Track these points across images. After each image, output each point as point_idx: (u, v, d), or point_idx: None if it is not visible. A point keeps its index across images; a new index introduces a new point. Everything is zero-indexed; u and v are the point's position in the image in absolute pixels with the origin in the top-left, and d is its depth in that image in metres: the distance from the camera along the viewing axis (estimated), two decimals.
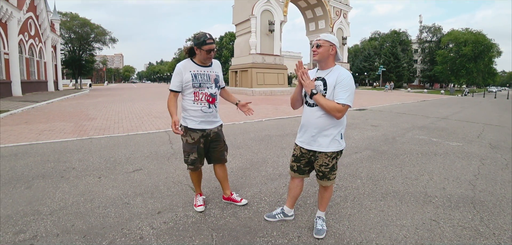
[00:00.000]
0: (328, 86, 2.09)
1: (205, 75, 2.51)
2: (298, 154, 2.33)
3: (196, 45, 2.43)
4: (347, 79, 2.07)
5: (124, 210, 2.72)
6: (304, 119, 2.25)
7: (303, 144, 2.26)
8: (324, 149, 2.16)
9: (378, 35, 70.74)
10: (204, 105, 2.51)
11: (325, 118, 2.11)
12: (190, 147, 2.58)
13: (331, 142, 2.15)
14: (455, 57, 44.72)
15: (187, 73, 2.46)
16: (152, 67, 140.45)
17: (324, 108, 2.05)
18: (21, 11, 19.21)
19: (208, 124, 2.57)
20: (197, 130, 2.53)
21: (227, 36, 59.60)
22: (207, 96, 2.51)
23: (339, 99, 2.03)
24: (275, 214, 2.57)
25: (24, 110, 11.03)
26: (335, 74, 2.10)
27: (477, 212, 2.82)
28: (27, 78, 21.28)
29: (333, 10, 29.99)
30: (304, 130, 2.25)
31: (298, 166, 2.36)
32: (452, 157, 4.86)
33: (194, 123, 2.52)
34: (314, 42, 2.15)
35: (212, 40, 2.42)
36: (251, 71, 22.55)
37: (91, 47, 43.28)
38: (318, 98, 2.06)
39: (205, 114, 2.52)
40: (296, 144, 2.35)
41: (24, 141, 5.72)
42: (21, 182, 3.42)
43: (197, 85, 2.46)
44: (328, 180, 2.27)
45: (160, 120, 8.64)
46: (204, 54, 2.43)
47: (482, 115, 11.83)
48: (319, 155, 2.20)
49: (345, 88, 2.05)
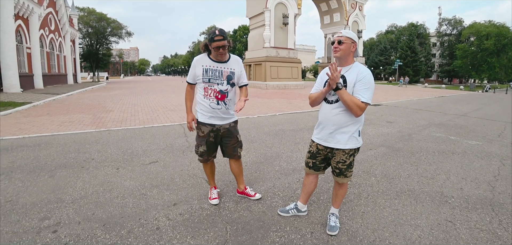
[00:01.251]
0: (348, 83, 2.07)
1: (217, 71, 2.50)
2: (314, 150, 2.32)
3: (208, 40, 2.45)
4: (368, 76, 2.06)
5: (141, 200, 2.82)
6: (322, 116, 2.24)
7: (320, 141, 2.25)
8: (342, 146, 2.16)
9: (394, 28, 68.68)
10: (212, 101, 2.51)
11: (344, 115, 2.10)
12: (200, 139, 2.64)
13: (349, 139, 2.15)
14: (476, 51, 42.90)
15: (199, 68, 2.51)
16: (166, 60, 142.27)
17: (347, 104, 2.02)
18: (42, 7, 19.85)
19: (218, 120, 2.57)
20: (206, 124, 2.57)
21: (241, 30, 59.55)
22: (216, 92, 2.50)
23: (361, 97, 2.02)
24: (289, 209, 2.59)
25: (45, 102, 11.48)
26: (355, 71, 2.09)
27: (495, 214, 2.74)
28: (48, 72, 22.07)
29: (349, 3, 29.35)
30: (321, 127, 2.24)
31: (313, 162, 2.36)
32: (470, 156, 4.71)
33: (204, 117, 2.56)
34: (336, 38, 2.12)
35: (222, 36, 2.37)
36: (265, 65, 22.48)
37: (108, 41, 44.33)
38: (342, 93, 2.02)
39: (213, 110, 2.52)
40: (313, 140, 2.34)
41: (46, 131, 5.97)
42: (45, 171, 3.59)
43: (206, 80, 2.49)
44: (344, 176, 2.27)
45: (175, 113, 8.79)
46: (214, 51, 2.44)
47: (504, 113, 11.35)
48: (337, 151, 2.19)
49: (367, 86, 2.04)
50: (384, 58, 59.96)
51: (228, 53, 2.58)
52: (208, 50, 2.53)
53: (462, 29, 52.75)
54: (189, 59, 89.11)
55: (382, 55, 60.52)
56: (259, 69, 23.49)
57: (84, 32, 40.77)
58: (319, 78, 2.31)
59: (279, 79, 23.11)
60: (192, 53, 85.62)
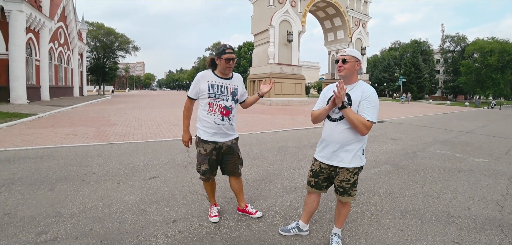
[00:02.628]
0: (353, 101, 2.07)
1: (223, 87, 2.52)
2: (317, 169, 2.29)
3: (216, 55, 2.49)
4: (373, 95, 2.07)
5: (140, 217, 2.77)
6: (325, 134, 2.22)
7: (323, 159, 2.22)
8: (346, 164, 2.13)
9: (398, 45, 69.11)
10: (217, 117, 2.50)
11: (348, 133, 2.08)
12: (202, 157, 2.60)
13: (353, 157, 2.12)
14: (480, 67, 42.84)
15: (204, 83, 2.50)
16: (171, 75, 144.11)
17: (353, 123, 2.02)
18: (53, 21, 20.42)
19: (222, 137, 2.55)
20: (209, 141, 2.53)
21: (245, 46, 60.31)
22: (221, 108, 2.50)
23: (367, 116, 2.02)
24: (290, 229, 2.52)
25: (50, 114, 11.61)
26: (359, 90, 2.10)
27: (505, 235, 2.64)
28: (55, 84, 22.46)
29: (352, 20, 29.69)
30: (324, 145, 2.22)
31: (316, 181, 2.32)
32: (477, 175, 4.61)
33: (207, 134, 2.53)
34: (340, 57, 2.13)
35: (232, 50, 2.47)
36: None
37: (115, 55, 45.23)
38: (348, 112, 2.01)
39: (217, 126, 2.51)
40: (315, 158, 2.32)
41: (49, 143, 6.00)
42: (45, 183, 3.58)
43: (212, 96, 2.49)
44: (348, 196, 2.22)
45: (178, 128, 8.81)
46: (223, 63, 2.46)
47: (511, 130, 11.20)
48: (340, 170, 2.16)
49: (372, 104, 2.05)
50: (388, 75, 60.07)
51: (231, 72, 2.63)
52: (214, 66, 2.56)
53: (465, 45, 52.87)
54: (194, 74, 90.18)
55: (386, 71, 60.66)
56: None
57: (92, 46, 41.71)
58: (322, 96, 2.30)
59: (283, 96, 23.20)
60: (197, 68, 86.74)
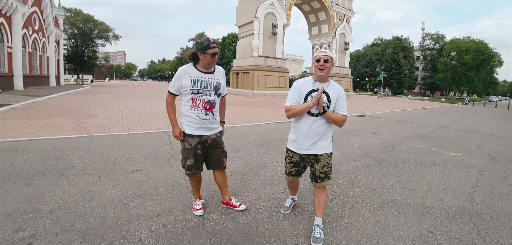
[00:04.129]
0: (332, 98, 2.34)
1: (205, 81, 2.50)
2: (297, 159, 2.49)
3: (199, 50, 2.43)
4: (344, 93, 2.41)
5: (123, 211, 2.73)
6: (304, 127, 2.37)
7: (302, 150, 2.42)
8: (325, 150, 2.41)
9: (380, 41, 70.77)
10: (200, 112, 2.50)
11: (326, 126, 2.37)
12: (187, 152, 2.58)
13: (329, 143, 2.44)
14: (456, 65, 44.74)
15: (186, 79, 2.47)
16: (154, 65, 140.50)
17: (334, 121, 2.34)
18: (26, 6, 19.28)
19: (206, 130, 2.56)
20: (194, 135, 2.53)
21: (230, 37, 59.67)
22: (204, 103, 2.50)
23: (343, 112, 2.35)
24: (289, 206, 2.90)
25: (25, 104, 11.06)
26: (334, 87, 2.38)
27: (474, 225, 2.83)
28: (29, 72, 21.33)
29: (337, 15, 30.05)
30: (305, 137, 2.38)
31: (297, 170, 2.56)
32: (451, 168, 4.86)
33: (191, 128, 2.53)
34: (322, 56, 2.29)
35: (216, 44, 2.45)
36: (253, 73, 22.59)
37: (94, 44, 43.47)
38: (329, 114, 2.30)
39: (201, 121, 2.51)
40: (294, 151, 2.48)
41: (24, 136, 5.74)
42: (21, 178, 3.43)
43: (195, 91, 2.47)
44: (328, 179, 2.45)
45: (160, 120, 8.66)
46: (208, 58, 2.43)
47: (482, 125, 11.84)
48: (321, 156, 2.40)
49: (345, 101, 2.39)
50: (369, 70, 61.51)
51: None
52: (195, 59, 2.51)
53: (443, 44, 54.93)
54: (176, 65, 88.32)
55: (367, 67, 62.08)
56: (247, 78, 23.59)
57: (70, 33, 39.84)
58: (296, 91, 2.40)
59: (267, 88, 23.26)
60: (179, 59, 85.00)
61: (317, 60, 2.30)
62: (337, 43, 30.39)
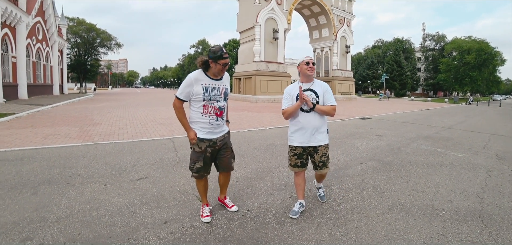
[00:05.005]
0: (319, 94, 2.74)
1: (216, 89, 2.56)
2: (300, 151, 2.80)
3: (212, 58, 2.47)
4: (329, 87, 2.85)
5: (130, 219, 2.72)
6: (302, 122, 2.73)
7: (304, 143, 2.76)
8: (323, 142, 2.80)
9: (381, 43, 70.74)
10: (212, 118, 2.56)
11: (320, 119, 2.75)
12: (196, 155, 2.62)
13: (325, 136, 2.82)
14: (458, 65, 44.59)
15: (198, 86, 2.50)
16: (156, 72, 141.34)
17: (324, 112, 2.72)
18: (30, 16, 19.54)
19: (215, 134, 2.63)
20: (204, 139, 2.59)
21: (231, 43, 59.90)
22: (216, 109, 2.57)
23: (331, 102, 2.75)
24: (297, 210, 2.89)
25: (29, 113, 11.14)
26: (319, 85, 2.79)
27: (485, 226, 2.78)
28: (33, 82, 21.54)
29: (337, 19, 30.12)
30: (303, 132, 2.74)
31: (301, 161, 2.84)
32: (458, 168, 4.81)
33: (202, 133, 2.58)
34: (310, 60, 2.75)
35: (228, 55, 2.53)
36: (255, 78, 22.62)
37: (97, 52, 43.82)
38: (319, 107, 2.70)
39: (212, 126, 2.58)
40: (296, 145, 2.79)
41: (29, 145, 5.76)
42: (27, 187, 3.44)
43: (207, 99, 2.52)
44: (326, 167, 2.87)
45: (164, 127, 8.67)
46: (219, 67, 2.49)
47: (487, 125, 11.73)
48: (319, 148, 2.79)
49: (330, 93, 2.80)
50: (371, 72, 61.46)
51: None
52: (206, 66, 2.54)
53: (445, 44, 54.83)
54: (178, 71, 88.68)
55: (369, 69, 62.04)
56: (249, 83, 23.62)
57: (73, 42, 40.21)
58: (287, 95, 2.79)
59: (269, 93, 23.26)
60: (182, 65, 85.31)
61: (307, 63, 2.72)
62: (338, 47, 30.41)
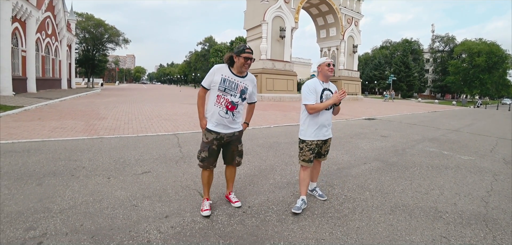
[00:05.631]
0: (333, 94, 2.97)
1: (234, 83, 2.67)
2: (314, 146, 2.99)
3: (235, 53, 2.65)
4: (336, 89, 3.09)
5: (132, 212, 2.74)
6: (321, 120, 2.95)
7: (320, 137, 2.99)
8: (331, 135, 3.15)
9: (389, 44, 69.95)
10: (222, 109, 2.65)
11: (331, 116, 3.07)
12: (204, 145, 2.75)
13: (331, 130, 3.15)
14: (468, 67, 43.88)
15: (218, 75, 2.65)
16: (162, 69, 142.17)
17: (338, 111, 3.09)
18: (40, 11, 19.80)
19: (224, 128, 2.70)
20: (212, 131, 2.70)
21: (238, 41, 59.90)
22: (228, 102, 2.65)
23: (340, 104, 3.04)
24: (300, 206, 2.95)
25: (37, 106, 11.31)
26: (332, 85, 3.05)
27: (489, 230, 2.73)
28: (42, 76, 21.86)
29: (345, 18, 29.86)
30: (320, 127, 2.96)
31: (313, 156, 3.02)
32: (463, 171, 4.74)
33: (211, 124, 2.70)
34: (330, 61, 2.96)
35: (251, 51, 2.66)
36: (261, 76, 22.59)
37: (105, 47, 44.23)
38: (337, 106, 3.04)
39: (221, 118, 2.66)
40: (311, 140, 2.96)
41: (36, 137, 5.86)
42: (33, 178, 3.49)
43: (222, 89, 2.64)
44: (328, 153, 3.25)
45: (169, 122, 8.73)
46: (242, 61, 2.62)
47: (495, 128, 11.53)
48: (328, 139, 3.11)
49: None
50: (378, 73, 60.84)
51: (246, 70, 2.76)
52: (231, 62, 2.70)
53: (454, 46, 53.99)
54: (185, 68, 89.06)
55: (376, 70, 61.42)
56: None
57: (81, 37, 40.66)
58: (313, 90, 2.90)
59: (275, 91, 23.22)
60: (188, 62, 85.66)
61: (328, 64, 2.92)
62: (345, 46, 30.17)
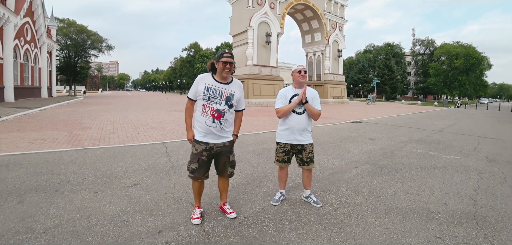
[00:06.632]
0: (309, 99, 3.06)
1: (218, 90, 2.62)
2: (288, 148, 3.15)
3: (216, 59, 2.62)
4: (318, 95, 3.19)
5: (123, 228, 2.62)
6: (292, 123, 3.08)
7: (292, 141, 3.11)
8: (309, 141, 3.16)
9: (372, 48, 71.78)
10: (208, 118, 2.61)
11: (306, 121, 3.10)
12: (193, 156, 2.70)
13: (310, 136, 3.18)
14: (447, 69, 45.58)
15: (202, 85, 2.62)
16: (147, 75, 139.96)
17: (312, 112, 3.05)
18: (18, 16, 19.08)
19: (213, 138, 2.65)
20: (201, 142, 2.64)
21: (224, 47, 59.88)
22: (213, 110, 2.61)
23: (318, 108, 3.11)
24: (278, 199, 3.29)
25: (16, 117, 10.82)
26: (309, 91, 3.09)
27: (480, 228, 2.80)
28: (20, 84, 21.00)
29: (329, 23, 30.42)
30: (290, 131, 3.09)
31: (288, 157, 3.19)
32: (451, 171, 4.86)
33: (200, 134, 2.65)
34: (302, 68, 3.10)
35: (230, 55, 2.61)
36: (248, 82, 22.59)
37: (87, 54, 43.12)
38: (308, 106, 3.04)
39: (208, 127, 2.61)
40: (285, 142, 3.13)
41: (16, 150, 5.57)
42: (13, 195, 3.29)
43: (206, 98, 2.59)
44: (313, 162, 3.19)
45: (156, 131, 8.53)
46: (221, 66, 2.58)
47: (476, 127, 11.97)
48: (306, 146, 3.13)
49: (318, 100, 3.16)
50: (363, 77, 62.23)
51: (231, 76, 2.70)
52: (213, 69, 2.66)
53: (434, 49, 56.00)
54: (170, 75, 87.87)
55: (361, 73, 62.81)
56: None
57: (62, 44, 39.44)
58: (283, 96, 3.13)
59: (262, 97, 23.27)
60: (173, 69, 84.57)
61: (299, 71, 3.07)
62: (330, 51, 30.70)
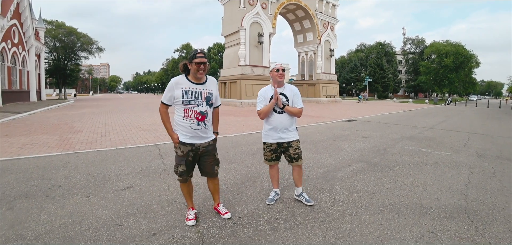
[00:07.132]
0: (289, 98, 3.10)
1: (196, 92, 2.57)
2: (275, 147, 3.15)
3: (188, 60, 2.54)
4: (298, 91, 3.21)
5: (116, 232, 2.58)
6: (275, 123, 3.07)
7: (278, 140, 3.11)
8: (294, 138, 3.15)
9: (363, 47, 72.50)
10: (192, 122, 2.57)
11: (289, 120, 3.09)
12: (179, 159, 2.66)
13: (295, 132, 3.18)
14: (437, 68, 46.35)
15: (178, 90, 2.53)
16: (139, 77, 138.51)
17: (293, 113, 3.07)
18: (5, 18, 18.64)
19: (198, 139, 2.62)
20: (186, 143, 2.60)
21: (216, 47, 59.70)
22: (196, 113, 2.56)
23: (299, 105, 3.12)
24: (273, 198, 3.29)
25: (4, 122, 10.57)
26: (288, 89, 3.13)
27: (471, 222, 2.85)
28: (8, 88, 20.53)
29: (321, 23, 30.60)
30: (274, 130, 3.08)
31: (276, 155, 3.20)
32: (442, 167, 4.94)
33: (185, 137, 2.60)
34: (280, 67, 3.07)
35: (203, 54, 2.51)
36: (240, 82, 22.56)
37: (77, 56, 42.28)
38: (288, 109, 3.06)
39: (193, 131, 2.58)
40: (270, 142, 3.13)
41: (4, 155, 5.44)
42: (2, 202, 3.21)
43: (186, 102, 2.54)
44: (300, 158, 3.19)
45: (149, 133, 8.45)
46: (194, 68, 2.50)
47: (466, 124, 12.21)
48: (292, 143, 3.13)
49: (299, 97, 3.16)
50: (355, 75, 62.83)
51: (205, 75, 2.65)
52: (187, 71, 2.59)
53: (424, 47, 56.90)
54: (162, 76, 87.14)
55: (353, 72, 63.41)
56: (234, 87, 23.52)
57: (51, 46, 38.65)
58: (262, 97, 3.14)
59: (254, 97, 23.17)
60: (165, 70, 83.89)
61: (276, 70, 3.04)
62: (322, 50, 30.88)
